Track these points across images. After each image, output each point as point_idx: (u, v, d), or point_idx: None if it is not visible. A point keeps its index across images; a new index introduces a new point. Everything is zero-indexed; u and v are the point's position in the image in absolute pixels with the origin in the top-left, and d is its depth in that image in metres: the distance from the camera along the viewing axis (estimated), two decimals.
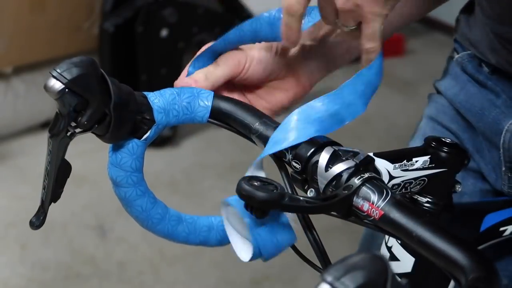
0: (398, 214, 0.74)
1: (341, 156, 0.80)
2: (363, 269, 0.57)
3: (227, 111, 0.89)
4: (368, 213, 0.76)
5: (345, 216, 0.78)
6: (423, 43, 4.03)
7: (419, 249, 0.72)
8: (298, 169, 0.82)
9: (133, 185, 0.87)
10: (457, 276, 0.68)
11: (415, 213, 0.74)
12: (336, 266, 0.57)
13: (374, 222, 0.76)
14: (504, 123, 1.00)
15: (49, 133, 0.84)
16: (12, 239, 2.47)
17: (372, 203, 0.76)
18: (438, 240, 0.71)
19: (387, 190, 0.76)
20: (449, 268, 0.70)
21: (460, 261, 0.68)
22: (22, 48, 2.91)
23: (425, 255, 0.72)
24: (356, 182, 0.77)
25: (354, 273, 0.56)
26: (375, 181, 0.77)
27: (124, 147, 0.86)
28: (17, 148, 2.93)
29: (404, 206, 0.75)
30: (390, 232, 0.75)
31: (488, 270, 0.67)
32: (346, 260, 0.57)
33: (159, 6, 2.95)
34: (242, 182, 0.74)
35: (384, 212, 0.75)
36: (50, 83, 0.81)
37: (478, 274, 0.66)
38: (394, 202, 0.75)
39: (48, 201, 0.87)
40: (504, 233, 0.98)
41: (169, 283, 2.36)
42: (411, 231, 0.72)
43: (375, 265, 0.57)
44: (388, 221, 0.74)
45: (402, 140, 1.18)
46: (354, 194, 0.77)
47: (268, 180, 0.75)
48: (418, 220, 0.73)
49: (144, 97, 0.87)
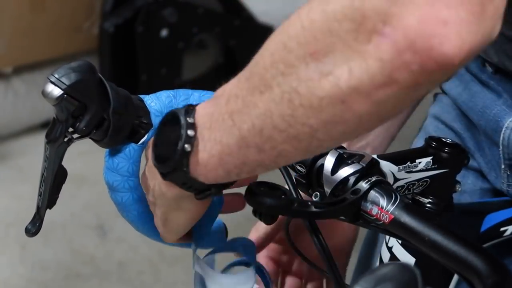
0: (409, 218, 0.73)
1: (347, 159, 0.79)
2: (393, 280, 0.56)
3: None
4: (377, 217, 0.75)
5: (352, 221, 0.77)
6: None
7: (431, 252, 0.71)
8: (302, 173, 0.81)
9: (130, 189, 0.86)
10: (472, 280, 0.68)
11: (425, 216, 0.73)
12: (365, 277, 0.56)
13: (383, 226, 0.75)
14: (505, 120, 1.00)
15: (46, 139, 0.83)
16: (12, 239, 2.46)
17: (381, 208, 0.74)
18: (452, 244, 0.70)
19: (396, 194, 0.75)
20: (463, 272, 0.69)
21: (477, 266, 0.67)
22: (22, 48, 2.91)
23: (438, 258, 0.71)
24: (364, 186, 0.76)
25: (384, 284, 0.56)
26: (383, 185, 0.76)
27: (121, 152, 0.85)
28: (17, 148, 2.93)
29: (414, 210, 0.74)
30: (400, 235, 0.75)
31: (504, 274, 0.66)
32: (375, 271, 0.57)
33: (159, 6, 2.95)
34: (251, 188, 0.74)
35: (394, 216, 0.74)
36: (49, 89, 0.79)
37: (495, 279, 0.65)
38: (404, 206, 0.74)
39: (44, 207, 0.86)
40: (505, 233, 0.98)
41: (169, 283, 2.35)
42: (423, 235, 0.71)
43: (405, 275, 0.57)
44: (399, 225, 0.73)
45: (402, 140, 1.18)
46: (362, 198, 0.76)
47: (275, 185, 0.75)
48: (430, 224, 0.72)
49: (140, 100, 0.85)
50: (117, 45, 2.99)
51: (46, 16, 2.92)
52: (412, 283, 0.56)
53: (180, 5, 3.01)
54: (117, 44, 2.99)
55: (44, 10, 2.91)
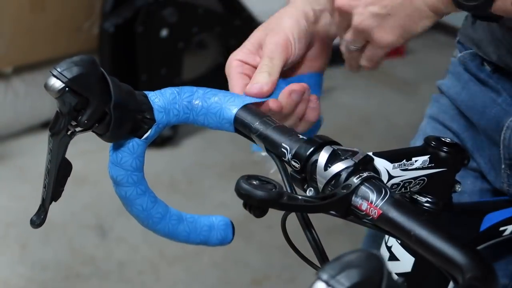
0: (396, 213, 0.74)
1: (340, 155, 0.80)
2: (359, 267, 0.56)
3: None
4: (366, 212, 0.76)
5: (343, 216, 0.78)
6: (423, 43, 4.03)
7: (417, 248, 0.72)
8: (297, 168, 0.82)
9: (134, 184, 0.88)
10: (455, 275, 0.69)
11: (413, 212, 0.74)
12: (331, 264, 0.57)
13: (372, 221, 0.76)
14: (505, 120, 1.01)
15: (50, 132, 0.84)
16: (12, 239, 2.47)
17: (371, 202, 0.76)
18: (436, 239, 0.71)
19: (386, 189, 0.76)
20: (447, 267, 0.70)
21: (458, 260, 0.68)
22: (22, 48, 2.91)
23: (423, 254, 0.72)
24: (354, 181, 0.77)
25: (350, 271, 0.56)
26: (374, 181, 0.77)
27: (124, 146, 0.86)
28: (17, 148, 2.93)
29: (403, 206, 0.75)
30: (388, 231, 0.76)
31: (485, 269, 0.67)
32: (341, 258, 0.57)
33: (159, 6, 2.95)
34: (240, 181, 0.74)
35: (382, 211, 0.75)
36: (51, 82, 0.81)
37: (476, 273, 0.66)
38: (393, 201, 0.75)
39: (49, 199, 0.87)
40: (504, 233, 0.98)
41: (169, 283, 2.36)
42: (409, 230, 0.72)
43: (371, 263, 0.57)
44: (387, 220, 0.74)
45: (402, 140, 1.18)
46: (352, 193, 0.77)
47: (267, 179, 0.75)
48: (416, 220, 0.73)
49: (144, 96, 0.87)
50: (117, 45, 3.00)
51: (46, 16, 2.92)
52: (378, 271, 0.57)
53: (180, 5, 3.01)
54: (117, 44, 2.99)
55: (44, 10, 2.91)
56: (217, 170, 2.90)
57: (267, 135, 0.85)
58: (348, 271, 0.56)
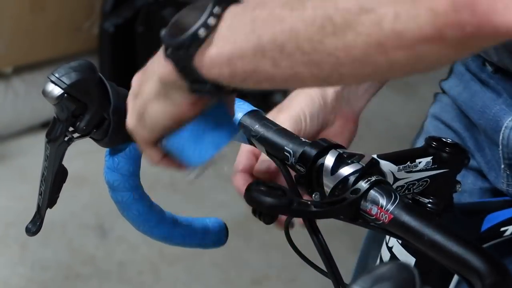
0: (409, 218, 0.73)
1: (347, 159, 0.78)
2: (390, 280, 0.56)
3: None
4: (376, 216, 0.75)
5: (352, 220, 0.77)
6: None
7: (430, 252, 0.71)
8: (302, 172, 0.80)
9: (130, 189, 0.87)
10: (471, 280, 0.67)
11: (425, 216, 0.73)
12: (363, 277, 0.56)
13: (383, 225, 0.75)
14: (504, 120, 1.00)
15: (46, 138, 0.83)
16: (12, 239, 2.46)
17: (381, 207, 0.74)
18: (452, 244, 0.70)
19: (395, 193, 0.75)
20: (463, 272, 0.68)
21: (476, 265, 0.67)
22: (22, 48, 2.91)
23: (437, 258, 0.71)
24: (363, 186, 0.76)
25: (382, 284, 0.55)
26: (383, 184, 0.76)
27: (121, 151, 0.85)
28: (17, 148, 2.93)
29: (414, 210, 0.74)
30: (399, 235, 0.75)
31: (504, 274, 0.66)
32: (373, 271, 0.56)
33: (159, 6, 2.95)
34: (251, 187, 0.73)
35: (393, 215, 0.74)
36: (49, 88, 0.80)
37: (495, 279, 0.65)
38: (403, 205, 0.74)
39: (45, 207, 0.86)
40: (505, 233, 0.98)
41: (169, 283, 2.36)
42: (422, 235, 0.71)
43: (403, 275, 0.56)
44: (399, 225, 0.73)
45: (402, 140, 1.18)
46: (362, 198, 0.75)
47: (274, 185, 0.74)
48: (429, 224, 0.72)
49: None
50: (117, 45, 2.99)
51: (46, 16, 2.92)
52: (410, 283, 0.56)
53: (180, 5, 3.00)
54: (117, 44, 2.99)
55: (44, 10, 2.90)
56: (217, 170, 2.90)
57: (268, 138, 0.84)
58: (380, 284, 0.55)
